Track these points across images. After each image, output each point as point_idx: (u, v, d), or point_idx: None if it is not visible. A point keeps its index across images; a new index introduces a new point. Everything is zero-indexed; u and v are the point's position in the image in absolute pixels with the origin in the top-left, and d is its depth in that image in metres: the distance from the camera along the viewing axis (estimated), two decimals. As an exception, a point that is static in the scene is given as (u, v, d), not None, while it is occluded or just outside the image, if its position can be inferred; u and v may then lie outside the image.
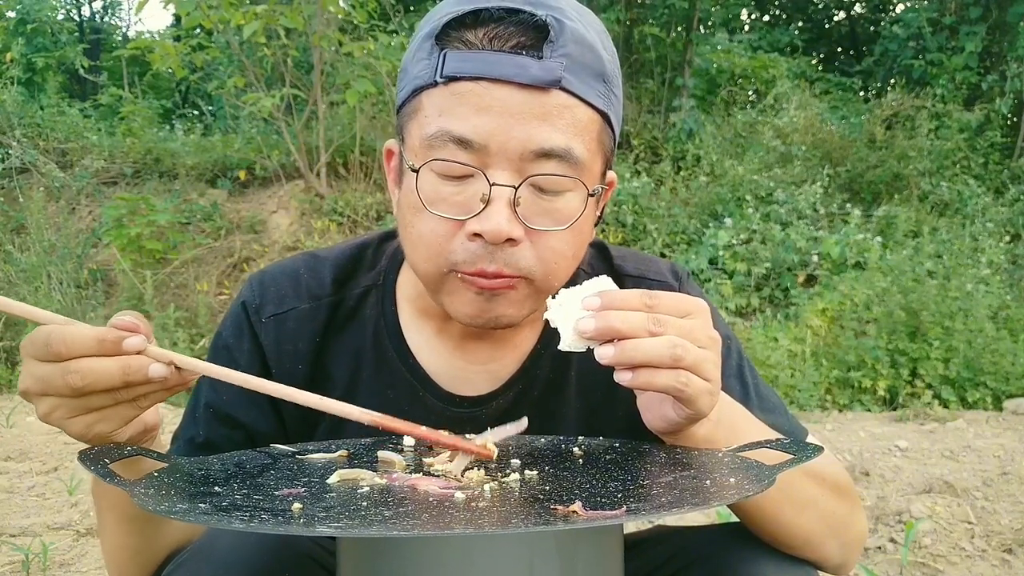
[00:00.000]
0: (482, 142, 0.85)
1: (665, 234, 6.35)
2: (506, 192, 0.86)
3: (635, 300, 0.78)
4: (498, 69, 0.84)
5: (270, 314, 1.04)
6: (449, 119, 0.86)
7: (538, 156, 0.86)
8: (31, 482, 3.05)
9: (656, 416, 0.86)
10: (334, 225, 6.52)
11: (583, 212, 0.91)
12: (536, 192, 0.88)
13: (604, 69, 0.90)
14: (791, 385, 4.64)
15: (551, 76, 0.85)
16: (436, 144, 0.87)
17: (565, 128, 0.87)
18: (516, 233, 0.87)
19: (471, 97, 0.85)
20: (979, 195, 6.83)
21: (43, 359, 0.73)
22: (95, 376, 0.73)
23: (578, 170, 0.89)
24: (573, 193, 0.90)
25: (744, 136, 7.65)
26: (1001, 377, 4.75)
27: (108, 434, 0.78)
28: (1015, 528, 2.59)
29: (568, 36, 0.86)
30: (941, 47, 8.93)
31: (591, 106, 0.89)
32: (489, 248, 0.88)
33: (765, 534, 0.92)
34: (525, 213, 0.88)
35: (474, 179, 0.87)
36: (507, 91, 0.85)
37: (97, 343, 0.73)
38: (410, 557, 0.70)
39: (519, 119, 0.85)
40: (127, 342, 0.74)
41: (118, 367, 0.74)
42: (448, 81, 0.86)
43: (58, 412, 0.75)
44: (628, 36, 9.04)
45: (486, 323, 0.93)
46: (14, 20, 9.55)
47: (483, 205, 0.86)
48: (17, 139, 7.17)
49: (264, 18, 5.82)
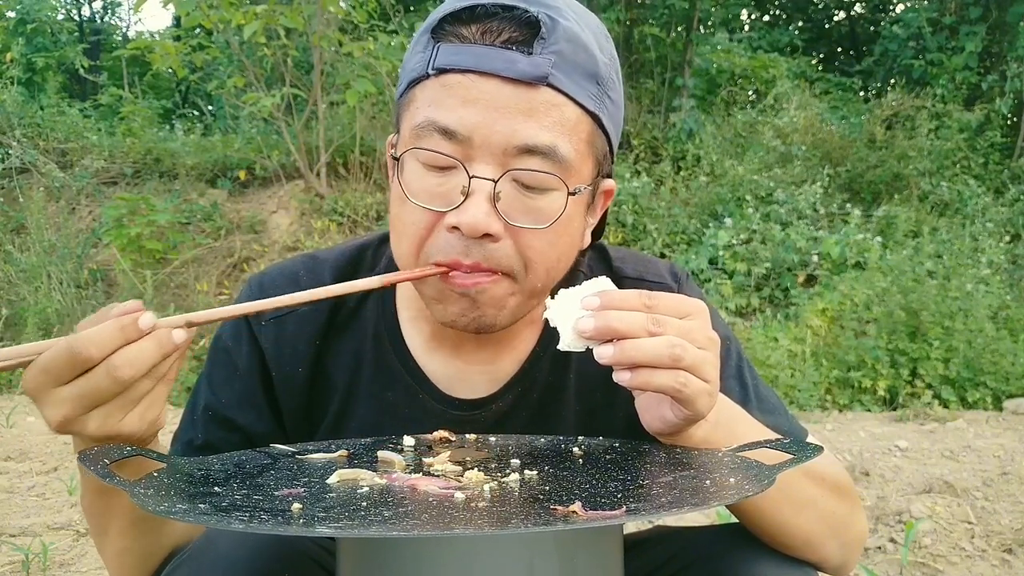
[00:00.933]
0: (466, 134, 0.86)
1: (665, 234, 6.35)
2: (486, 186, 0.86)
3: (634, 300, 0.78)
4: (487, 62, 0.85)
5: (270, 317, 1.04)
6: (436, 110, 0.87)
7: (521, 152, 0.86)
8: (31, 482, 3.05)
9: (654, 417, 0.86)
10: (334, 225, 6.52)
11: (564, 211, 0.90)
12: (519, 189, 0.88)
13: (598, 71, 0.90)
14: (791, 385, 4.64)
15: (539, 71, 0.85)
16: (422, 134, 0.88)
17: (551, 126, 0.87)
18: (494, 228, 0.87)
19: (459, 89, 0.86)
20: (979, 195, 6.83)
21: (72, 376, 0.72)
22: (140, 361, 0.73)
23: (563, 169, 0.88)
24: (557, 193, 0.89)
25: (744, 136, 7.65)
26: (1001, 377, 4.75)
27: (157, 418, 0.79)
28: (1015, 528, 2.59)
29: (561, 34, 0.86)
30: (941, 47, 8.93)
31: (581, 106, 0.89)
32: (466, 242, 0.87)
33: (765, 534, 0.92)
34: (506, 210, 0.87)
35: (456, 172, 0.87)
36: (494, 85, 0.85)
37: (122, 332, 0.73)
38: (410, 557, 0.70)
39: (504, 113, 0.85)
40: (142, 321, 0.74)
41: (153, 344, 0.74)
42: (439, 73, 0.87)
43: (112, 418, 0.74)
44: (628, 36, 9.04)
45: (469, 324, 0.93)
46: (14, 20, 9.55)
47: (463, 198, 0.86)
48: (17, 139, 7.17)
49: (264, 18, 5.82)
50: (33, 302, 5.79)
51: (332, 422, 1.05)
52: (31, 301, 5.81)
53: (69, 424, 0.73)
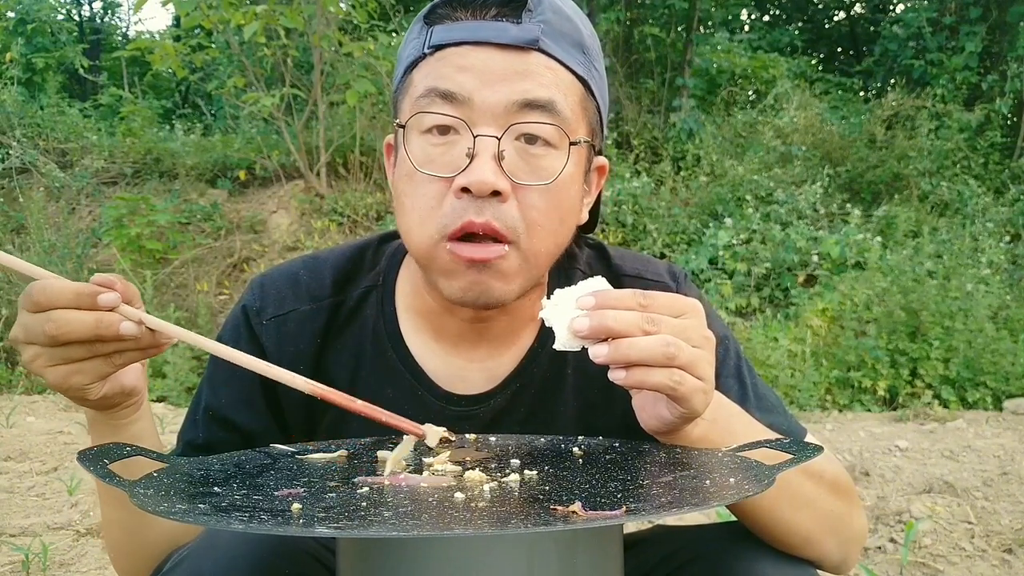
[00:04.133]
0: (466, 95, 0.89)
1: (665, 234, 6.35)
2: (491, 145, 0.89)
3: (629, 299, 0.78)
4: (479, 32, 0.90)
5: (271, 316, 1.05)
6: (434, 79, 0.91)
7: (522, 107, 0.89)
8: (31, 482, 3.05)
9: (651, 415, 0.86)
10: (334, 225, 6.52)
11: (566, 167, 0.92)
12: (522, 147, 0.91)
13: (583, 40, 0.95)
14: (791, 385, 4.64)
15: (529, 36, 0.90)
16: (423, 103, 0.91)
17: (547, 83, 0.91)
18: (501, 185, 0.88)
19: (455, 58, 0.91)
20: (979, 195, 6.82)
21: (30, 310, 0.78)
22: (69, 327, 0.77)
23: (562, 122, 0.91)
24: (558, 152, 0.92)
25: (744, 136, 7.65)
26: (1001, 377, 4.75)
27: (83, 386, 0.82)
28: (1015, 528, 2.60)
29: (545, 6, 0.92)
30: (941, 47, 8.93)
31: (571, 71, 0.93)
32: (477, 202, 0.89)
33: (764, 533, 0.92)
34: (511, 169, 0.90)
35: (460, 137, 0.90)
36: (488, 52, 0.90)
37: (75, 296, 0.77)
38: (409, 558, 0.70)
39: (501, 75, 0.89)
40: (101, 298, 0.78)
41: (92, 319, 0.77)
42: (434, 51, 0.92)
43: (39, 360, 0.79)
44: (628, 36, 9.04)
45: (477, 298, 0.93)
46: (14, 20, 9.56)
47: (469, 160, 0.88)
48: (17, 139, 7.17)
49: (264, 18, 5.82)
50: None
51: (333, 420, 1.05)
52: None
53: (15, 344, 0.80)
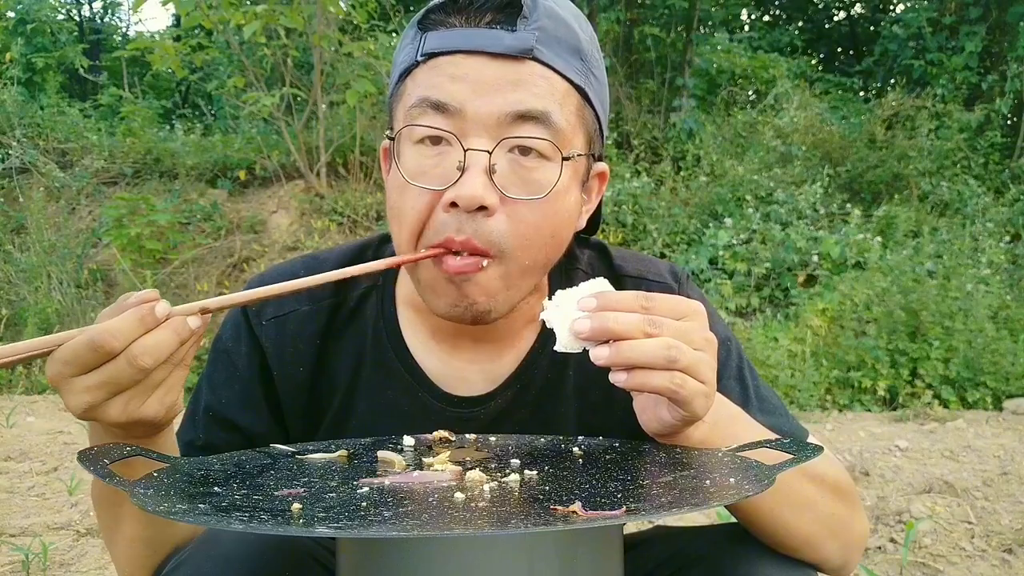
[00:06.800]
0: (457, 106, 0.88)
1: (665, 234, 6.35)
2: (482, 159, 0.87)
3: (631, 302, 0.78)
4: (473, 41, 0.88)
5: (270, 316, 1.05)
6: (427, 88, 0.90)
7: (514, 119, 0.88)
8: (31, 482, 3.05)
9: (652, 418, 0.86)
10: (334, 225, 6.52)
11: (559, 181, 0.90)
12: (514, 160, 0.89)
13: (580, 46, 0.92)
14: (791, 385, 4.64)
15: (524, 45, 0.88)
16: (415, 113, 0.90)
17: (542, 94, 0.89)
18: (490, 200, 0.87)
19: (448, 67, 0.89)
20: (979, 195, 6.83)
21: (93, 365, 0.73)
22: (159, 349, 0.74)
23: (556, 135, 0.90)
24: (552, 165, 0.90)
25: (744, 136, 7.65)
26: (1001, 377, 4.75)
27: (175, 402, 0.80)
28: (1015, 528, 2.59)
29: (541, 12, 0.89)
30: (941, 47, 8.93)
31: (567, 80, 0.91)
32: (460, 218, 0.88)
33: (764, 535, 0.92)
34: (502, 183, 0.88)
35: (452, 150, 0.89)
36: (482, 61, 0.88)
37: (140, 323, 0.74)
38: (409, 558, 0.70)
39: (494, 86, 0.87)
40: (158, 309, 0.75)
41: (171, 332, 0.76)
42: (428, 58, 0.90)
43: (132, 403, 0.76)
44: (628, 36, 9.04)
45: (464, 315, 0.93)
46: (14, 20, 9.55)
47: (459, 174, 0.87)
48: (17, 139, 7.17)
49: (264, 18, 5.81)
50: (33, 302, 5.79)
51: (333, 420, 1.05)
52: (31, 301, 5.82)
53: (92, 411, 0.75)
